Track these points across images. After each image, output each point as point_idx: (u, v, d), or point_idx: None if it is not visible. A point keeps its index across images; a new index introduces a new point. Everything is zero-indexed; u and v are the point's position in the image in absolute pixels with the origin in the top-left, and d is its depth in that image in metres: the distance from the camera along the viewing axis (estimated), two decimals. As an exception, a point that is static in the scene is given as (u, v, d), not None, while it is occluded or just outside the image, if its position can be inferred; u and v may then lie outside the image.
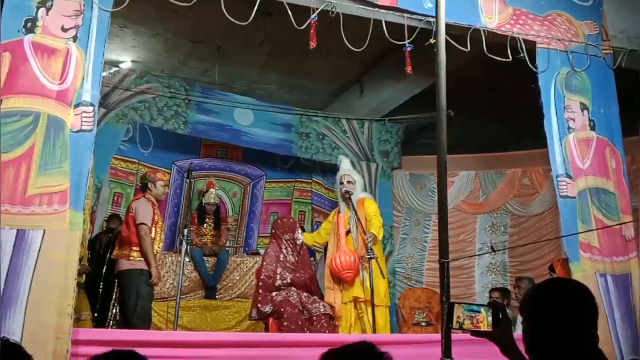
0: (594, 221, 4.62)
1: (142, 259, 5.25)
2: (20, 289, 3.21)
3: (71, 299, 3.34)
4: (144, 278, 5.22)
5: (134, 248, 5.30)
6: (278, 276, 5.19)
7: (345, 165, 6.02)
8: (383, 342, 4.45)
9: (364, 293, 5.33)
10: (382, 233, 5.55)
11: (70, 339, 3.28)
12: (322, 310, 5.05)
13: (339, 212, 5.76)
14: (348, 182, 5.72)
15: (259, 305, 5.07)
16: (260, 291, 5.15)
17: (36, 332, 3.19)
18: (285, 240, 5.33)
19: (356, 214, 5.48)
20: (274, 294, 5.10)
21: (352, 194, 5.62)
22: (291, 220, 5.61)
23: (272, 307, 5.01)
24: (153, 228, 5.38)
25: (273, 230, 5.50)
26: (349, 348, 1.91)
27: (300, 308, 5.03)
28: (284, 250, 5.31)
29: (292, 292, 5.13)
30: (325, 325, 4.98)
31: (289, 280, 5.19)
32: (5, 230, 3.25)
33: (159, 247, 5.49)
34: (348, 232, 5.62)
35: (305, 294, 5.19)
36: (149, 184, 5.59)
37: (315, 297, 5.23)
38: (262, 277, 5.20)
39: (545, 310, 1.93)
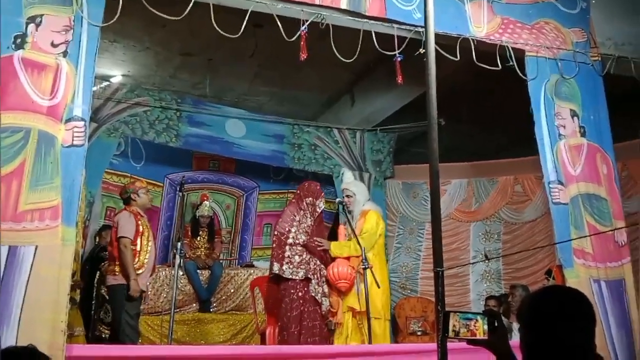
0: (587, 227, 4.64)
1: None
2: (13, 306, 3.19)
3: (64, 315, 3.31)
4: (127, 293, 5.16)
5: (117, 262, 5.24)
6: (291, 235, 5.26)
7: (345, 178, 6.13)
8: (379, 352, 4.44)
9: (359, 304, 5.31)
10: (345, 252, 5.42)
11: (64, 356, 3.25)
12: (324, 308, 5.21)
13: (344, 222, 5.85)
14: (347, 195, 5.77)
15: (273, 260, 5.23)
16: (274, 245, 5.32)
17: (29, 350, 3.16)
18: (306, 203, 5.37)
19: (350, 226, 5.48)
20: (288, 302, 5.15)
21: (347, 205, 5.63)
22: (318, 187, 5.53)
23: (279, 267, 5.15)
24: (138, 239, 5.28)
25: (297, 191, 5.58)
26: None
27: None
28: (302, 212, 5.35)
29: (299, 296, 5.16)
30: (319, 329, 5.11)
31: (301, 241, 5.24)
32: (-3, 247, 3.23)
33: (145, 259, 5.31)
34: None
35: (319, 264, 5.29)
36: (132, 195, 5.47)
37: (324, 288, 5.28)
38: (275, 232, 5.34)
39: (541, 319, 1.93)
